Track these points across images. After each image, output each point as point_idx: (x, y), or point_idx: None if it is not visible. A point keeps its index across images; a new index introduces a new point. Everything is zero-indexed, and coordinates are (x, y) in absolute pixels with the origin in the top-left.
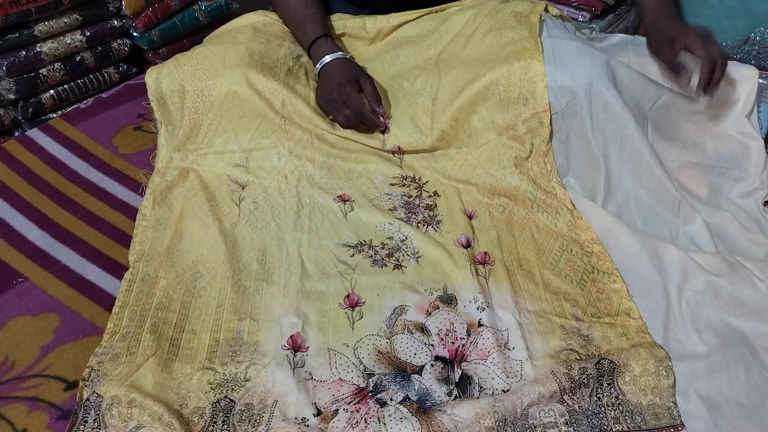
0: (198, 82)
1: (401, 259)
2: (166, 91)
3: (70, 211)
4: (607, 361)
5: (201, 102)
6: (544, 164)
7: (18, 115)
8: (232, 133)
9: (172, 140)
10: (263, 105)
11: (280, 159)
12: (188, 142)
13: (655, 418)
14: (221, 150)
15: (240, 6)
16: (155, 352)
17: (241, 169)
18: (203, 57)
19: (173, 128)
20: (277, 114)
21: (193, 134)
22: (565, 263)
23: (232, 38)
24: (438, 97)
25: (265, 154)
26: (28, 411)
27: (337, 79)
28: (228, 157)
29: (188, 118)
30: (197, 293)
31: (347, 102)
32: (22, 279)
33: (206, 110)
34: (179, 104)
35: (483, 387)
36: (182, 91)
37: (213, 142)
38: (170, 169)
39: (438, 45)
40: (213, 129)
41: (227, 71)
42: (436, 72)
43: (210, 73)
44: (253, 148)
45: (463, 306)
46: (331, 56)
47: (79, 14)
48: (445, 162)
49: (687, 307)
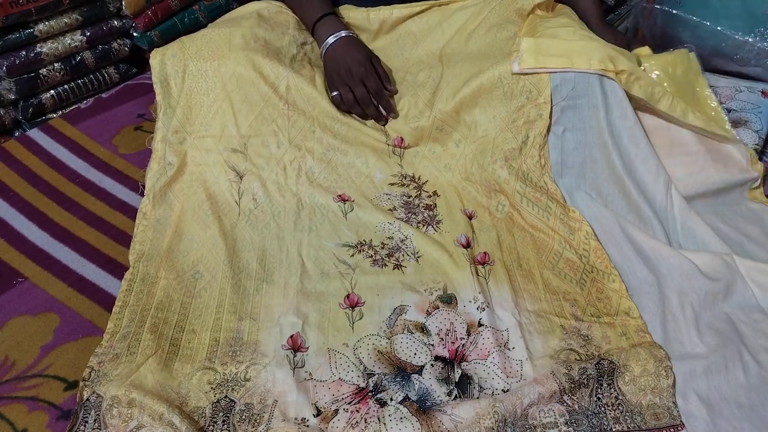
0: (203, 62)
1: (401, 259)
2: (170, 72)
3: (70, 211)
4: (606, 361)
5: (204, 82)
6: (538, 158)
7: (18, 115)
8: (231, 116)
9: (171, 122)
10: (268, 89)
11: (280, 148)
12: (187, 124)
13: (655, 418)
14: (219, 133)
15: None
16: (155, 352)
17: (239, 155)
18: (209, 38)
19: (171, 110)
20: (281, 99)
21: (192, 115)
22: (564, 263)
23: (238, 23)
24: (440, 89)
25: (264, 142)
26: (28, 411)
27: (354, 55)
28: (225, 141)
29: (186, 98)
30: (197, 293)
31: (365, 79)
32: (22, 279)
33: (208, 91)
34: (181, 85)
35: (483, 387)
36: (185, 71)
37: (211, 125)
38: (168, 154)
39: (441, 40)
40: (213, 111)
41: (233, 53)
42: (439, 66)
43: (215, 54)
44: (252, 134)
45: (463, 306)
46: (344, 32)
47: (79, 14)
48: (447, 159)
49: (689, 308)
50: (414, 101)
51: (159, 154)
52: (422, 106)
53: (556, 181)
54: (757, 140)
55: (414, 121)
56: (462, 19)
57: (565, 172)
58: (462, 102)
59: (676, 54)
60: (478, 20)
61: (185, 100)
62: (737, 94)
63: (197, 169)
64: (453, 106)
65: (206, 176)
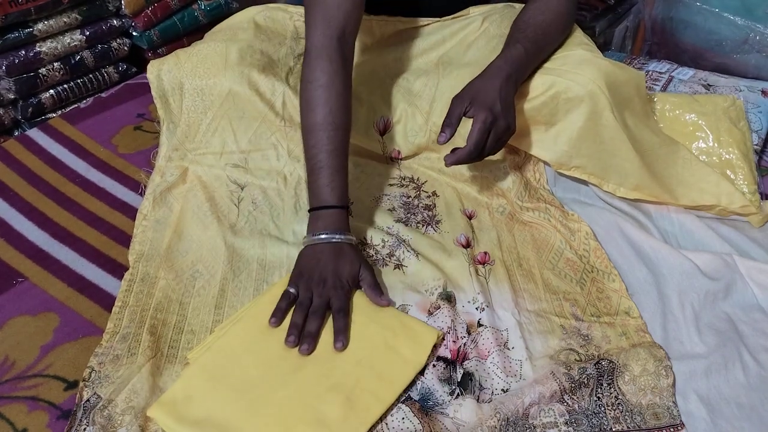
0: (198, 80)
1: (402, 259)
2: (168, 88)
3: (70, 211)
4: (606, 361)
5: (201, 101)
6: (533, 171)
7: (18, 114)
8: (231, 133)
9: (172, 138)
10: (264, 106)
11: (279, 160)
12: (186, 141)
13: (655, 417)
14: (219, 150)
15: (240, 6)
16: (155, 355)
17: (240, 170)
18: (204, 55)
19: (174, 126)
20: (277, 116)
21: (192, 133)
22: (564, 263)
23: (233, 35)
24: (436, 99)
25: (264, 155)
26: (28, 411)
27: (342, 267)
28: (226, 158)
29: (186, 117)
30: (196, 292)
31: (332, 294)
32: (22, 279)
33: (206, 109)
34: (179, 102)
35: (483, 386)
36: (181, 88)
37: (211, 142)
38: (170, 168)
39: (440, 48)
40: (212, 129)
41: (228, 71)
42: (436, 75)
43: (210, 71)
44: (252, 149)
45: (462, 306)
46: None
47: (79, 14)
48: (442, 164)
49: (689, 307)
50: (411, 112)
51: (162, 170)
52: (420, 121)
53: (553, 193)
54: (757, 140)
55: (412, 137)
56: (464, 29)
57: (558, 184)
58: None
59: None
60: (479, 31)
61: (185, 118)
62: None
63: (198, 178)
64: None
65: (207, 184)
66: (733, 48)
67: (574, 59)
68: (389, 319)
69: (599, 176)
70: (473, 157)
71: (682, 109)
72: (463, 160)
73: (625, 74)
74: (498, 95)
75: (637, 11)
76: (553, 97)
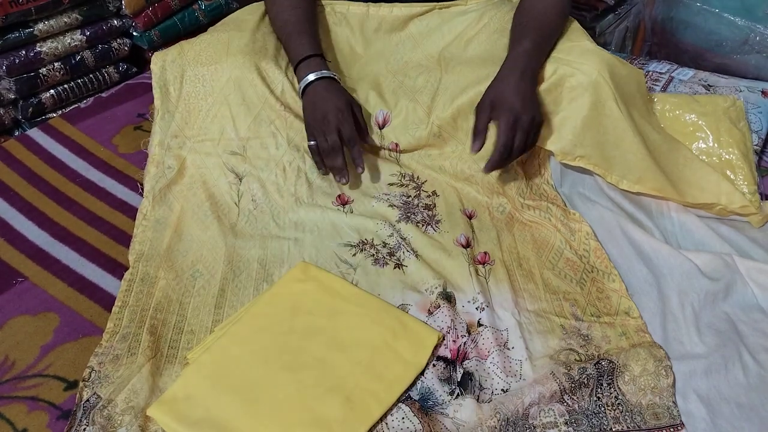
0: (200, 67)
1: (402, 258)
2: (170, 78)
3: (70, 210)
4: (606, 361)
5: (202, 86)
6: (537, 166)
7: (18, 114)
8: (230, 120)
9: (169, 126)
10: (265, 89)
11: (278, 149)
12: (186, 128)
13: (655, 417)
14: (218, 137)
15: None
16: (155, 355)
17: (238, 157)
18: (207, 43)
19: (170, 115)
20: (277, 100)
21: (192, 119)
22: (564, 263)
23: (237, 27)
24: (438, 94)
25: (262, 143)
26: (28, 411)
27: (334, 101)
28: (225, 144)
29: (185, 103)
30: (196, 292)
31: (341, 127)
32: (22, 279)
33: (206, 95)
34: (179, 90)
35: (483, 386)
36: (182, 77)
37: (210, 129)
38: (168, 159)
39: (440, 43)
40: (212, 115)
41: (230, 57)
42: (438, 71)
43: (213, 58)
44: (251, 136)
45: (462, 306)
46: (327, 73)
47: (79, 14)
48: (442, 161)
49: (689, 307)
50: (413, 106)
51: (157, 158)
52: (422, 114)
53: (556, 188)
54: (757, 141)
55: (413, 130)
56: (462, 24)
57: (564, 178)
58: (460, 109)
59: None
60: (479, 26)
61: (184, 105)
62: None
63: (197, 171)
64: (451, 113)
65: (206, 178)
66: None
67: (579, 49)
68: (390, 320)
69: (603, 167)
70: (504, 158)
71: (682, 110)
72: (497, 164)
73: (626, 69)
74: (516, 93)
75: (637, 12)
76: (557, 84)
